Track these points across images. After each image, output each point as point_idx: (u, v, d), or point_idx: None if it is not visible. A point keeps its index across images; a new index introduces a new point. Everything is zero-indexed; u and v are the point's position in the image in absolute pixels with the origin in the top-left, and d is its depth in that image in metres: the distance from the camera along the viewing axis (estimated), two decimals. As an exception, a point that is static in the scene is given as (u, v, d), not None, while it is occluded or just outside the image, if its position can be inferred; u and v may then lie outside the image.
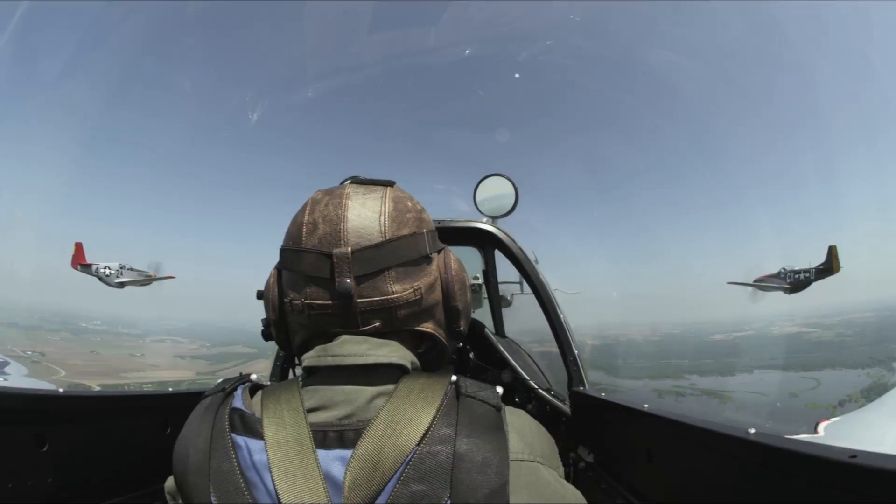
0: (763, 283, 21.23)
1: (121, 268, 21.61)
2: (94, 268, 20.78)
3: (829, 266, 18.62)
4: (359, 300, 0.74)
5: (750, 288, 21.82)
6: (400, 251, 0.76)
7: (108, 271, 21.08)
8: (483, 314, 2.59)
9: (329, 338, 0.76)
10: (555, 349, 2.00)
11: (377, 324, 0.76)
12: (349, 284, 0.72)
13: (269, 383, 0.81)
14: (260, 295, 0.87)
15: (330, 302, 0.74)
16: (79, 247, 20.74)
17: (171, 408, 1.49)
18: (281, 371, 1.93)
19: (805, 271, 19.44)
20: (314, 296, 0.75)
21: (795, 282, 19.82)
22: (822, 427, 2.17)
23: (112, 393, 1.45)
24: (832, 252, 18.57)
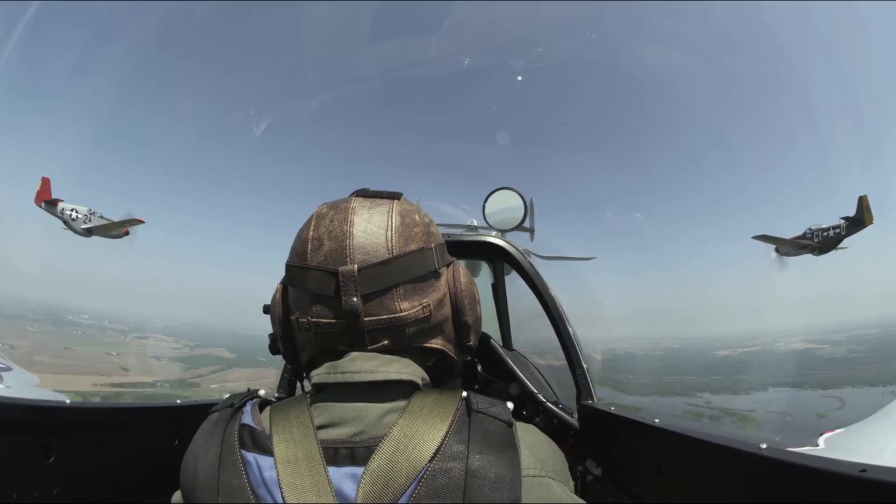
0: (788, 246, 18.36)
1: (90, 213, 18.12)
2: (59, 207, 17.28)
3: (861, 217, 16.20)
4: (366, 319, 0.72)
5: (773, 254, 18.87)
6: (408, 268, 0.74)
7: (74, 214, 17.62)
8: (491, 327, 2.51)
9: (337, 354, 0.74)
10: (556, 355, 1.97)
11: (385, 342, 0.74)
12: (356, 303, 0.71)
13: (275, 398, 0.81)
14: (266, 310, 0.86)
15: (336, 321, 0.72)
16: (45, 182, 17.24)
17: (178, 420, 1.47)
18: (289, 384, 1.96)
19: (834, 228, 16.94)
20: (320, 314, 0.73)
21: (825, 240, 17.26)
22: (822, 440, 2.01)
23: (119, 405, 1.45)
24: (863, 202, 16.13)
